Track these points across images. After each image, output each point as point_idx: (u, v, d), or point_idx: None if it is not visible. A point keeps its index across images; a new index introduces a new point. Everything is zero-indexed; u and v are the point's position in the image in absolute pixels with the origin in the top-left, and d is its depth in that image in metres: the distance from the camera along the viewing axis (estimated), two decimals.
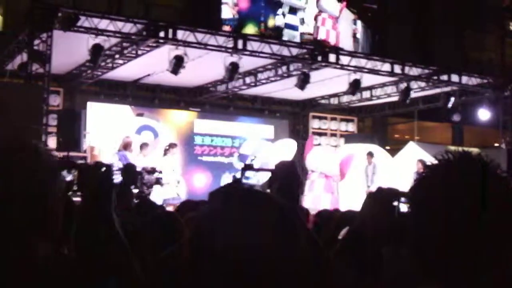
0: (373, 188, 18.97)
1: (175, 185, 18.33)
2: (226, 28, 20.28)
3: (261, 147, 22.48)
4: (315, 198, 20.49)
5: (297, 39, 21.35)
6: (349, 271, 2.93)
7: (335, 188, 21.18)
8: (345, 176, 20.95)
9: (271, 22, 21.70)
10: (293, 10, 22.03)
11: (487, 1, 34.23)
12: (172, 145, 18.96)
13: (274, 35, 20.92)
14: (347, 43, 22.70)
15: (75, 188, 2.69)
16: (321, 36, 22.05)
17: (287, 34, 21.58)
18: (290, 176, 3.15)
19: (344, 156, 21.36)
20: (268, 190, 3.14)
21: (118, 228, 2.55)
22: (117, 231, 2.55)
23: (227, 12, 20.96)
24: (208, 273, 1.66)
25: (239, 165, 20.24)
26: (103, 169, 2.67)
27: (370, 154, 21.10)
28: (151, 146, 19.06)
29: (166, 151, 18.70)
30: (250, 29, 21.09)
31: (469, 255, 1.73)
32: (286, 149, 21.81)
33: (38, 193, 2.15)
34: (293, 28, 21.97)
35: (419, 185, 1.89)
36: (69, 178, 2.67)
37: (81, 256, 2.35)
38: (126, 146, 17.75)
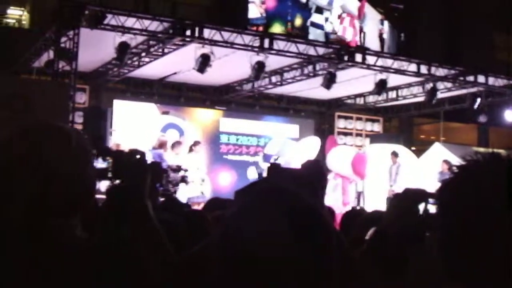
0: (395, 188, 18.96)
1: (200, 183, 18.29)
2: (253, 27, 20.32)
3: (285, 146, 22.40)
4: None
5: (322, 38, 21.34)
6: (374, 271, 2.92)
7: (347, 188, 20.95)
8: (363, 175, 20.64)
9: (298, 21, 21.71)
10: (319, 10, 22.05)
11: None
12: (196, 143, 18.90)
13: (301, 34, 20.92)
14: (373, 43, 22.67)
15: (109, 175, 2.71)
16: (339, 33, 22.13)
17: (313, 33, 21.60)
18: (317, 175, 3.14)
19: (355, 156, 21.12)
20: None
21: (152, 215, 2.56)
22: (151, 218, 2.55)
23: (254, 11, 20.99)
24: (235, 272, 1.65)
25: (264, 165, 20.19)
26: (138, 156, 2.69)
27: (395, 154, 20.84)
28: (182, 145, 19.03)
29: (190, 149, 18.68)
30: (277, 28, 21.13)
31: (496, 256, 1.71)
32: (310, 147, 21.69)
33: (70, 172, 2.16)
34: (319, 27, 22.00)
35: (447, 186, 1.87)
36: (104, 165, 2.69)
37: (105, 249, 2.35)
38: (161, 145, 17.71)
